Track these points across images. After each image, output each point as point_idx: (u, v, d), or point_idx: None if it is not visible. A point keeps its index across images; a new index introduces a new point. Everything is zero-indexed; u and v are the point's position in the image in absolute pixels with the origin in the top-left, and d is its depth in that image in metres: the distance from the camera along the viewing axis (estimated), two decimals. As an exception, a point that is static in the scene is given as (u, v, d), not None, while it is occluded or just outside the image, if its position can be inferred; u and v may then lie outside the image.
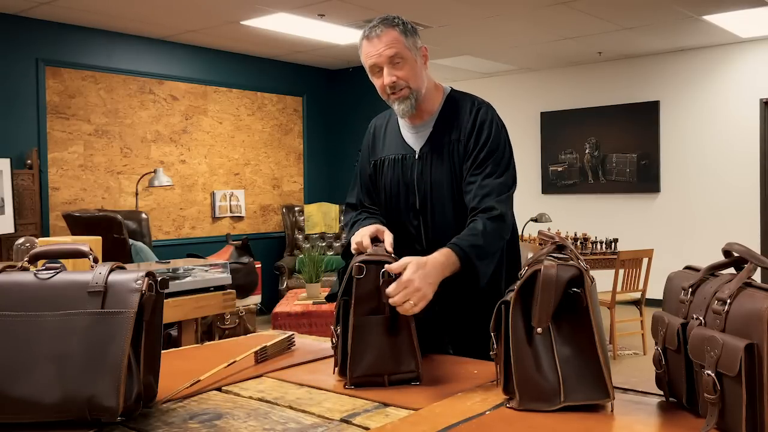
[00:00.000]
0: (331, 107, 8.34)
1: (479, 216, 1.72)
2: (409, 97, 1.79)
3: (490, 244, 1.69)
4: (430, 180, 1.83)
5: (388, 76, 1.76)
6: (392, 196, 1.90)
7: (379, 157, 1.94)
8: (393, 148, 1.92)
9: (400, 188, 1.88)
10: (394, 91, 1.78)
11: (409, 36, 1.78)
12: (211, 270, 3.17)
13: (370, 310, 1.43)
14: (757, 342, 0.96)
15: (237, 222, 7.38)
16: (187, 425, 1.20)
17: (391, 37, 1.75)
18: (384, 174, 1.92)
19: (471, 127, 1.81)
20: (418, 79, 1.80)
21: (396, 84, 1.77)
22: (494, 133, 1.80)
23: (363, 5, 5.48)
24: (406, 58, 1.76)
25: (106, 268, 1.25)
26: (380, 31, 1.75)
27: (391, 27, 1.76)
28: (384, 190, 1.92)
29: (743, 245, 1.09)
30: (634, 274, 5.46)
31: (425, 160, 1.85)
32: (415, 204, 1.85)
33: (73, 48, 6.05)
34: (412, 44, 1.78)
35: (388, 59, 1.75)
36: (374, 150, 1.97)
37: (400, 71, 1.76)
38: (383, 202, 1.93)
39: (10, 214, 5.28)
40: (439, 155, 1.83)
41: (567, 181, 8.45)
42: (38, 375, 1.17)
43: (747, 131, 7.21)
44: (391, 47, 1.74)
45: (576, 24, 6.22)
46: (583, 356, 1.20)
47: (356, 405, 1.31)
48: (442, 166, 1.82)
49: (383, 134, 1.96)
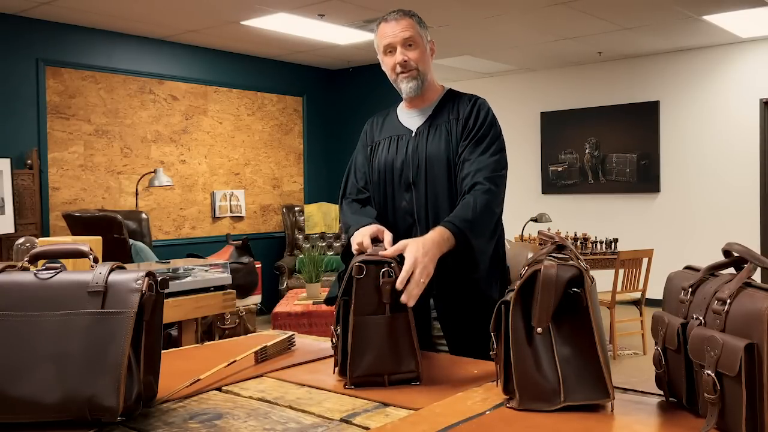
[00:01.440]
0: (331, 107, 8.34)
1: (472, 192, 1.80)
2: (417, 77, 1.92)
3: (482, 219, 1.76)
4: (425, 154, 1.91)
5: (401, 54, 1.90)
6: (386, 173, 1.97)
7: (376, 141, 2.04)
8: (390, 131, 2.02)
9: (395, 165, 1.96)
10: (403, 70, 1.91)
11: (422, 27, 1.96)
12: (211, 270, 3.17)
13: (370, 310, 1.43)
14: (757, 342, 0.96)
15: (237, 222, 7.38)
16: (187, 425, 1.20)
17: (407, 22, 1.93)
18: (379, 154, 2.00)
19: (469, 111, 1.93)
20: (426, 63, 1.95)
21: (407, 63, 1.91)
22: (490, 119, 1.93)
23: (363, 5, 5.48)
24: (418, 43, 1.92)
25: (106, 268, 1.25)
26: (398, 16, 1.93)
27: (408, 16, 1.94)
28: (378, 169, 1.99)
29: (743, 245, 1.09)
30: (634, 274, 5.46)
31: (421, 137, 1.95)
32: (408, 178, 1.92)
33: (73, 48, 6.05)
34: (424, 34, 1.96)
35: (402, 40, 1.90)
36: (371, 139, 2.07)
37: (412, 53, 1.91)
38: (376, 181, 1.99)
39: (10, 214, 5.28)
40: (436, 132, 1.93)
41: (567, 181, 8.45)
42: (38, 375, 1.17)
43: (747, 131, 7.21)
44: (406, 30, 1.91)
45: (576, 24, 6.22)
46: (583, 356, 1.20)
47: (356, 405, 1.31)
48: (439, 141, 1.91)
49: (381, 125, 2.07)
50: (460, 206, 1.77)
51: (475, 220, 1.73)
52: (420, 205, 1.90)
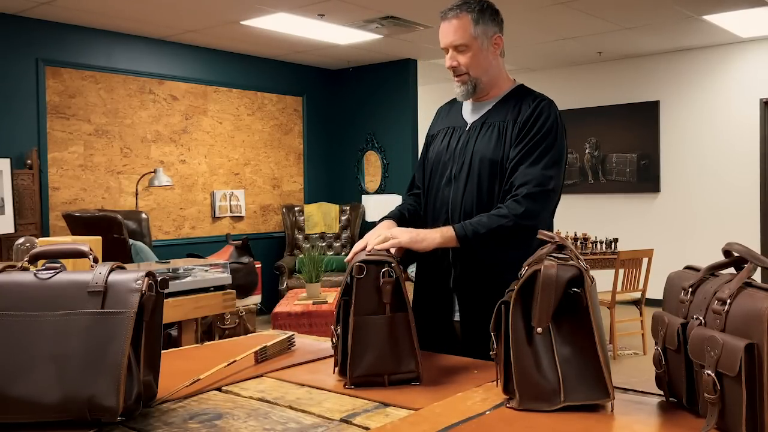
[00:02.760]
0: (331, 107, 8.33)
1: (506, 204, 1.73)
2: (467, 82, 1.87)
3: (496, 233, 1.70)
4: (472, 150, 1.85)
5: (450, 59, 1.86)
6: (435, 164, 1.93)
7: (436, 130, 2.00)
8: (450, 121, 1.98)
9: (444, 157, 1.91)
10: (454, 74, 1.88)
11: (480, 23, 1.84)
12: (211, 270, 3.17)
13: (371, 310, 1.43)
14: (757, 342, 0.96)
15: (237, 222, 7.38)
16: (187, 425, 1.20)
17: (460, 23, 1.82)
18: (435, 144, 1.97)
19: (530, 113, 1.82)
20: (479, 67, 1.86)
21: (456, 69, 1.86)
22: (549, 126, 1.80)
23: (363, 5, 5.48)
24: (470, 46, 1.83)
25: (106, 268, 1.25)
26: (453, 14, 1.84)
27: (465, 11, 1.83)
28: (431, 159, 1.95)
29: (743, 245, 1.09)
30: (634, 274, 5.46)
31: (473, 132, 1.88)
32: (451, 172, 1.87)
33: (73, 48, 6.05)
34: (481, 32, 1.84)
35: (453, 45, 1.84)
36: (433, 128, 2.04)
37: (463, 57, 1.84)
38: (429, 173, 1.95)
39: (10, 214, 5.27)
40: (489, 130, 1.86)
41: (567, 181, 8.41)
42: (38, 375, 1.17)
43: (747, 131, 7.21)
44: (457, 35, 1.83)
45: (576, 24, 6.22)
46: (583, 356, 1.20)
47: (356, 405, 1.31)
48: (490, 140, 1.84)
49: (447, 114, 2.02)
50: (487, 214, 1.72)
51: (486, 234, 1.69)
52: (456, 202, 1.84)
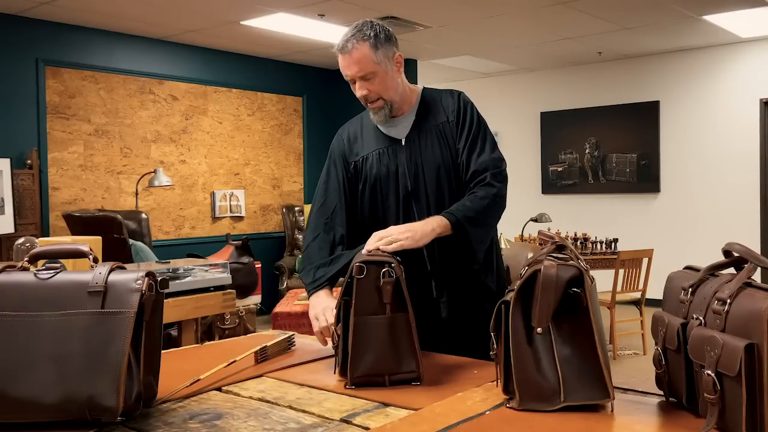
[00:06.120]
0: (331, 107, 8.33)
1: (476, 189, 1.80)
2: (383, 107, 1.86)
3: (484, 210, 1.77)
4: (421, 162, 1.87)
5: (360, 89, 1.83)
6: (380, 187, 1.90)
7: (361, 156, 1.94)
8: (375, 144, 1.93)
9: (390, 178, 1.89)
10: (367, 102, 1.86)
11: (380, 48, 1.80)
12: (211, 270, 3.17)
13: (371, 310, 1.43)
14: (757, 342, 0.96)
15: (237, 222, 7.37)
16: (187, 425, 1.20)
17: (360, 53, 1.78)
18: (369, 168, 1.91)
19: (458, 109, 1.89)
20: (389, 90, 1.84)
21: (368, 96, 1.84)
22: (477, 114, 1.91)
23: (363, 5, 5.48)
24: (376, 73, 1.81)
25: (106, 268, 1.25)
26: (351, 45, 1.79)
27: (362, 41, 1.79)
28: (369, 184, 1.91)
29: (743, 245, 1.09)
30: (634, 274, 5.46)
31: (413, 145, 1.89)
32: (407, 188, 1.87)
33: (73, 48, 6.04)
34: (383, 56, 1.80)
35: (359, 77, 1.81)
36: (352, 153, 1.96)
37: (372, 85, 1.82)
38: (367, 198, 1.91)
39: (10, 214, 5.27)
40: (427, 138, 1.88)
41: (567, 181, 8.45)
42: (38, 375, 1.17)
43: (747, 131, 7.21)
44: (360, 65, 1.80)
45: (576, 24, 6.22)
46: (583, 356, 1.20)
47: (356, 405, 1.31)
48: (432, 148, 1.87)
49: (360, 136, 1.97)
50: (467, 199, 1.78)
51: (476, 213, 1.74)
52: (422, 214, 1.83)
